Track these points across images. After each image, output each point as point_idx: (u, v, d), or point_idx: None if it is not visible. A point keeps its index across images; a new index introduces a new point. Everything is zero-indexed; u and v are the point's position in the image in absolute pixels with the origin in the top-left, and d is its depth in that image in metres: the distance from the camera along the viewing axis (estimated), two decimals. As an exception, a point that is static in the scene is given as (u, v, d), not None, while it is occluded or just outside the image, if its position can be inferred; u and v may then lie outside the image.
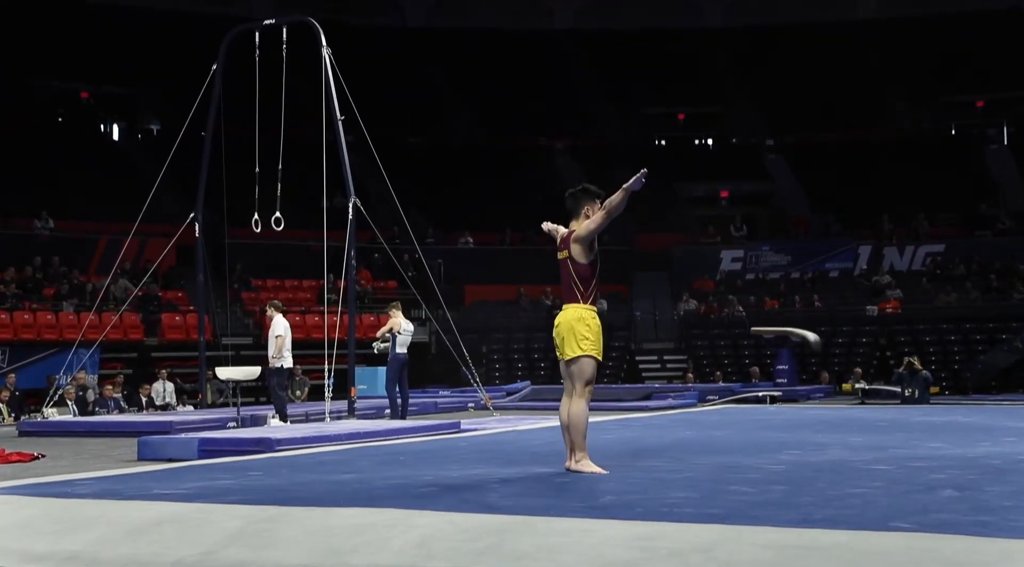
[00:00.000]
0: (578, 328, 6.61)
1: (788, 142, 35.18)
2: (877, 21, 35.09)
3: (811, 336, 21.05)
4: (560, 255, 6.76)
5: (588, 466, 6.63)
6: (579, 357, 6.61)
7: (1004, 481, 6.06)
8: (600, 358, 6.70)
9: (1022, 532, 4.22)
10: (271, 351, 14.47)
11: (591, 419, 6.82)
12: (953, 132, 35.47)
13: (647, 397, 20.39)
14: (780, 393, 20.07)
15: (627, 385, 24.76)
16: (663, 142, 37.21)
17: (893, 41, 34.24)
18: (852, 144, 34.12)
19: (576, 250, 6.62)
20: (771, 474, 6.48)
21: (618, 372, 27.89)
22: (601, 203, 6.66)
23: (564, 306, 6.76)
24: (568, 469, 6.67)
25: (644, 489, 5.81)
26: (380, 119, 18.34)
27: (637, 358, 28.47)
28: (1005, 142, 34.50)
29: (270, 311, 14.89)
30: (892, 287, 28.45)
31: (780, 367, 21.76)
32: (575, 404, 6.66)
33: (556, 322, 6.76)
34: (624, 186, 6.48)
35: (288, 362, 14.48)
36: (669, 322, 29.56)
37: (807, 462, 7.28)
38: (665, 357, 28.51)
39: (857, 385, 21.05)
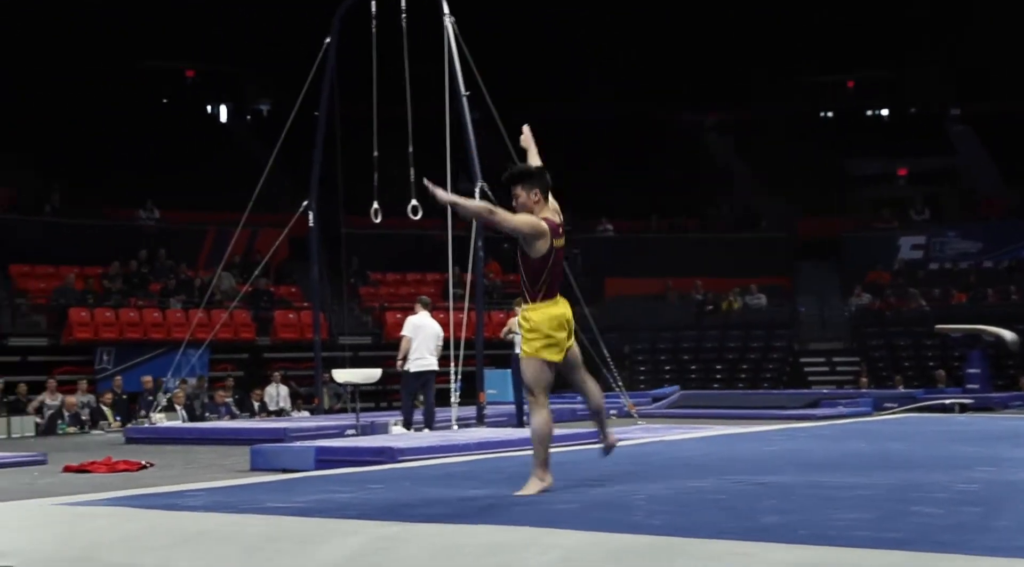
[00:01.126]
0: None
1: (977, 111, 34.12)
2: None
3: (1008, 335, 20.37)
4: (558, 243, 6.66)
5: (530, 487, 6.48)
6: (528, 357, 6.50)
7: None
8: (548, 358, 6.47)
9: None
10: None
11: (746, 429, 6.70)
12: None
13: (814, 404, 20.03)
14: (971, 401, 19.50)
15: (790, 391, 24.41)
16: (829, 114, 36.51)
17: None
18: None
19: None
20: (961, 493, 6.31)
21: (780, 376, 27.51)
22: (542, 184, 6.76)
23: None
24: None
25: (810, 509, 5.72)
26: (508, 94, 18.39)
27: (802, 360, 28.04)
28: None
29: (418, 307, 15.04)
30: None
31: (971, 371, 21.11)
32: (532, 415, 6.62)
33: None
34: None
35: (414, 366, 14.62)
36: (839, 319, 29.03)
37: (1004, 480, 7.06)
38: (834, 359, 28.00)
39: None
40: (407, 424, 14.46)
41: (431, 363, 14.57)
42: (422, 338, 14.50)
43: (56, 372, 20.17)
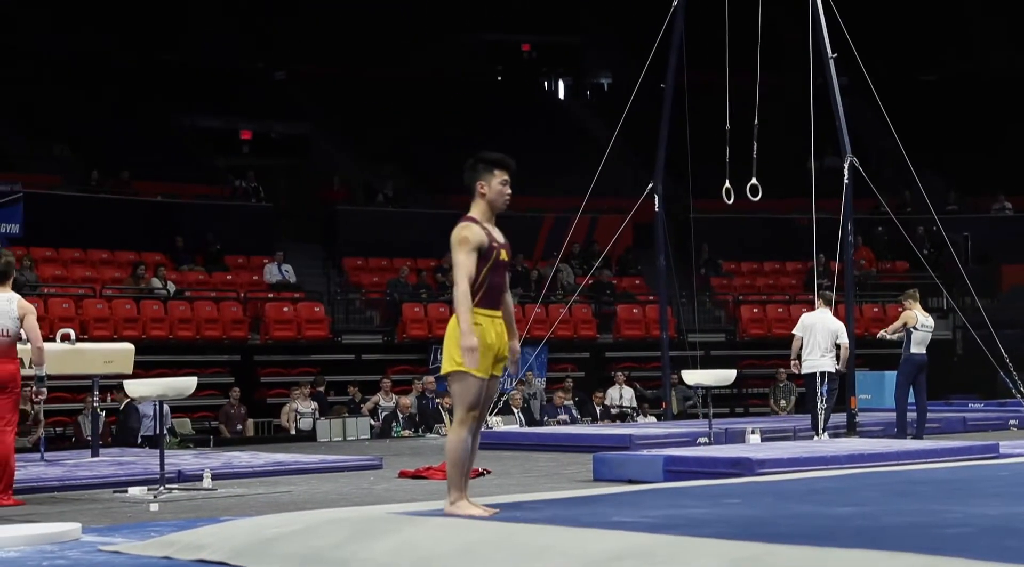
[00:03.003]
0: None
1: None
2: None
3: None
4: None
5: (462, 508, 6.30)
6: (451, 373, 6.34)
7: None
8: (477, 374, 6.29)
9: None
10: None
11: None
12: None
13: None
14: None
15: None
16: None
17: None
18: None
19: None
20: None
21: None
22: (500, 173, 6.60)
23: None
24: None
25: None
26: (883, 53, 17.92)
27: None
28: None
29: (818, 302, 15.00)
30: None
31: None
32: (449, 432, 6.51)
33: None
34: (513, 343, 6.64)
35: (805, 367, 14.59)
36: None
37: None
38: None
39: None
40: (813, 427, 14.47)
41: (822, 364, 14.52)
42: (813, 337, 14.52)
43: (391, 371, 21.05)
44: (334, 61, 30.40)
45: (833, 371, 14.61)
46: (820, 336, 14.54)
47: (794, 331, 14.75)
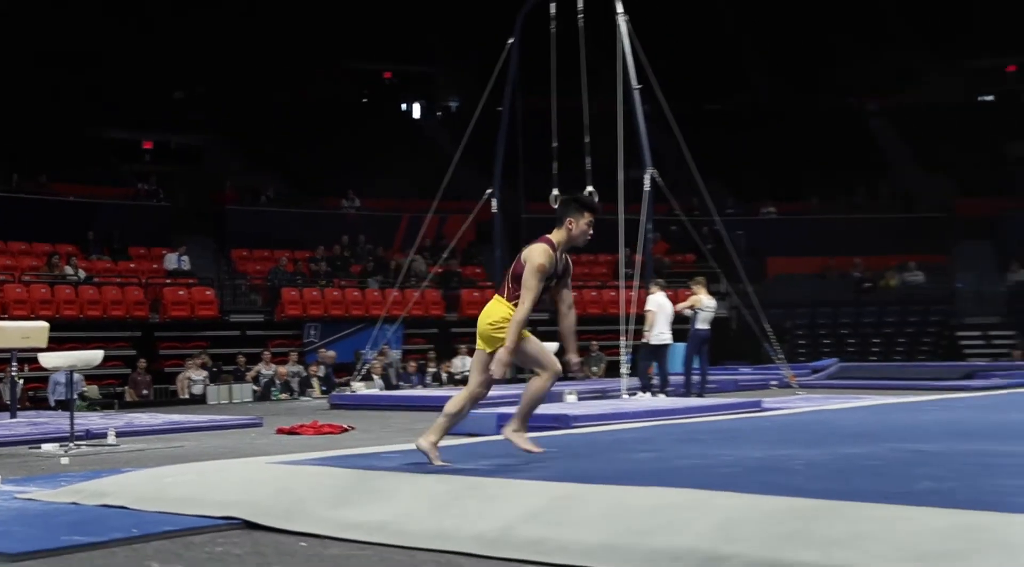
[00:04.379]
0: (492, 320, 6.37)
1: None
2: None
3: None
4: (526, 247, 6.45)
5: (429, 454, 6.32)
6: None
7: None
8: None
9: None
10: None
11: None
12: None
13: (969, 376, 19.29)
14: None
15: (946, 363, 23.54)
16: (990, 98, 34.95)
17: None
18: None
19: (527, 265, 6.32)
20: (1116, 463, 5.99)
21: (936, 349, 26.59)
22: (589, 215, 6.39)
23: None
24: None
25: (965, 475, 5.51)
26: (677, 87, 18.19)
27: (958, 334, 27.02)
28: None
29: (651, 287, 15.12)
30: None
31: None
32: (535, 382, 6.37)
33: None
34: (570, 356, 6.47)
35: (655, 339, 14.66)
36: (995, 295, 27.84)
37: None
38: (990, 333, 26.89)
39: None
40: (662, 388, 14.55)
41: (668, 337, 14.73)
42: (663, 315, 14.64)
43: (271, 345, 20.82)
44: (226, 83, 30.03)
45: (671, 342, 14.88)
46: (666, 314, 14.72)
47: (649, 308, 14.63)
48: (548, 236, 6.40)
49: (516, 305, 6.26)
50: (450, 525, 4.82)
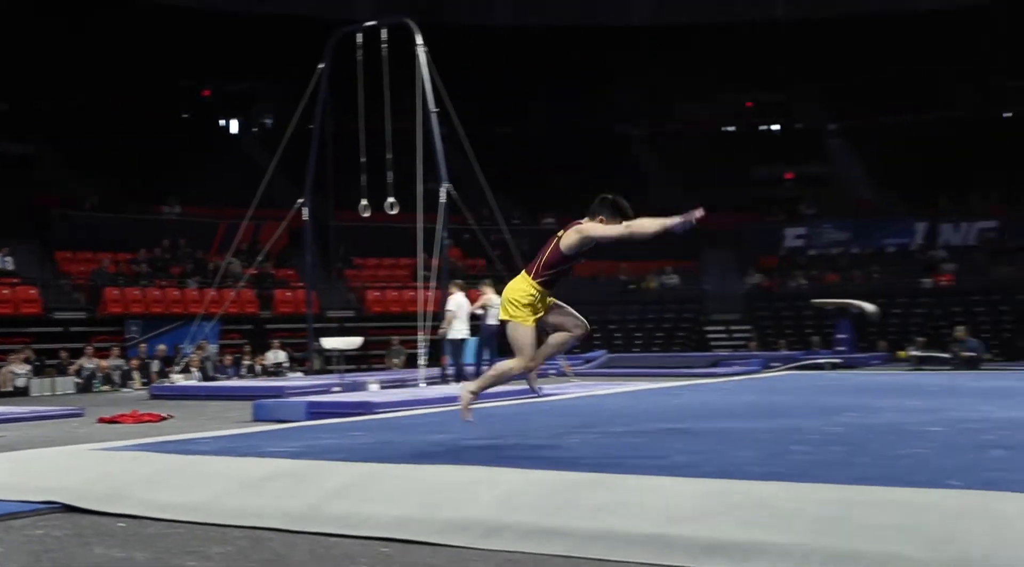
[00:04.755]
0: (513, 296, 6.13)
1: (849, 126, 34.42)
2: (937, 11, 34.05)
3: (869, 307, 20.59)
4: (559, 232, 6.30)
5: (466, 401, 6.21)
6: (506, 321, 6.16)
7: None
8: (527, 323, 6.06)
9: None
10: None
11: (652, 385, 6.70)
12: (1008, 115, 34.35)
13: (715, 364, 20.18)
14: (840, 360, 19.71)
15: (696, 353, 24.55)
16: (733, 128, 36.66)
17: (948, 30, 33.19)
18: (910, 126, 33.15)
19: (571, 238, 6.12)
20: (830, 436, 6.37)
21: (688, 342, 27.68)
22: (621, 220, 6.08)
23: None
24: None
25: (713, 449, 5.75)
26: (471, 111, 18.32)
27: (705, 328, 28.20)
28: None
29: (451, 288, 15.01)
30: (947, 261, 27.79)
31: (840, 336, 21.37)
32: (508, 361, 6.17)
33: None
34: (666, 222, 5.87)
35: (457, 334, 14.65)
36: (736, 295, 29.21)
37: (864, 424, 7.13)
38: (731, 327, 28.20)
39: (912, 353, 20.58)
40: (457, 379, 14.48)
41: (466, 333, 14.82)
42: (461, 313, 14.65)
43: (93, 340, 19.88)
44: (55, 96, 28.49)
45: (469, 336, 14.90)
46: (464, 312, 14.74)
47: (449, 308, 14.63)
48: (579, 221, 6.18)
49: (541, 283, 6.08)
50: (261, 504, 4.70)
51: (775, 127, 36.70)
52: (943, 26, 33.17)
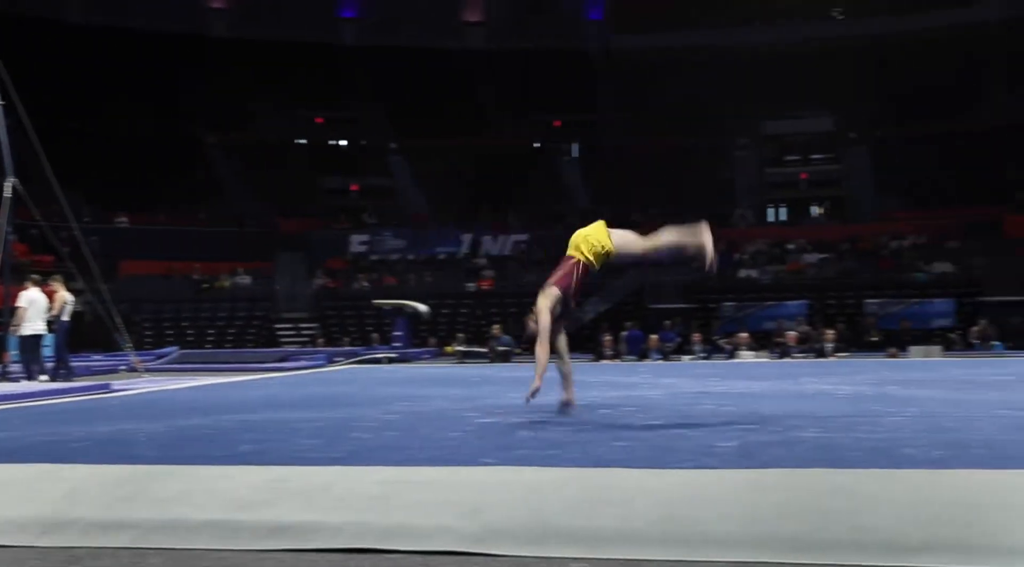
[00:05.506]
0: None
1: (409, 145, 35.81)
2: (485, 51, 36.44)
3: (422, 307, 21.58)
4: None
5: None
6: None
7: (562, 423, 6.50)
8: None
9: (564, 461, 4.53)
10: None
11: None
12: (537, 145, 37.47)
13: (283, 359, 20.07)
14: (396, 355, 20.40)
15: (267, 349, 24.27)
16: (304, 141, 36.71)
17: (500, 71, 35.67)
18: (461, 150, 35.11)
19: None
20: (386, 422, 6.57)
21: (259, 338, 27.30)
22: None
23: None
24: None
25: (278, 438, 5.71)
26: (44, 106, 16.70)
27: (276, 326, 27.98)
28: (575, 155, 37.06)
29: (26, 284, 13.42)
30: (487, 268, 29.86)
31: (396, 333, 22.13)
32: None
33: None
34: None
35: (29, 330, 13.25)
36: (305, 295, 29.28)
37: (416, 412, 7.45)
38: (300, 325, 28.22)
39: (457, 348, 21.81)
40: (32, 375, 13.01)
41: (42, 328, 13.40)
42: (35, 309, 13.24)
43: None
44: None
45: (45, 332, 13.53)
46: (38, 308, 13.34)
47: (20, 304, 13.21)
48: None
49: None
50: None
51: (343, 142, 37.25)
52: (483, 62, 35.64)
